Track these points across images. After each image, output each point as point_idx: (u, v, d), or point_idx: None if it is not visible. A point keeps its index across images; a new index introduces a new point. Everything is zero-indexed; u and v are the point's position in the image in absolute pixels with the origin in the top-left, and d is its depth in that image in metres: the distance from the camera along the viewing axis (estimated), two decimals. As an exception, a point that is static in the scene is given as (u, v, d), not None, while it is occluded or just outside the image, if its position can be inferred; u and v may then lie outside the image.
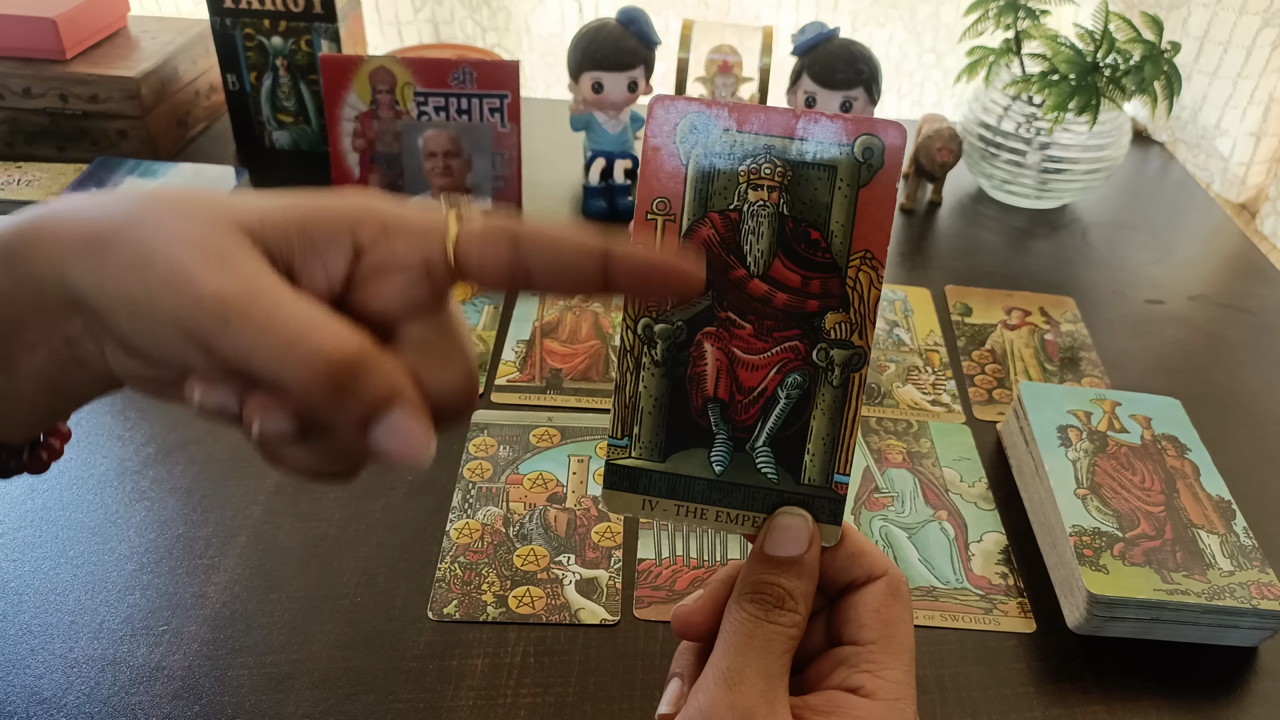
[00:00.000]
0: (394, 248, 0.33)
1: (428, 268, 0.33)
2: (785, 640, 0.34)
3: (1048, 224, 0.98)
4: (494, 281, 0.33)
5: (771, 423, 0.36)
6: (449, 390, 0.34)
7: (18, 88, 0.91)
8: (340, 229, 0.33)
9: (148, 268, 0.30)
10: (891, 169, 0.33)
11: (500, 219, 0.33)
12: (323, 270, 0.33)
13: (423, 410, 0.32)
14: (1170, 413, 0.65)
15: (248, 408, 0.32)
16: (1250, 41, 1.08)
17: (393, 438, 0.31)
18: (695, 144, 0.34)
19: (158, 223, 0.31)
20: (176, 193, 0.33)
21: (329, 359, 0.29)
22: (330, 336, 0.30)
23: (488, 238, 0.33)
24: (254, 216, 0.32)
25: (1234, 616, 0.53)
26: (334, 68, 0.85)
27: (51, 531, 0.57)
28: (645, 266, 0.33)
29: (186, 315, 0.30)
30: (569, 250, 0.32)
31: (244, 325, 0.29)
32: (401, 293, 0.33)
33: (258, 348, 0.30)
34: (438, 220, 0.33)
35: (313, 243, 0.32)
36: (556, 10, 1.31)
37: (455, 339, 0.35)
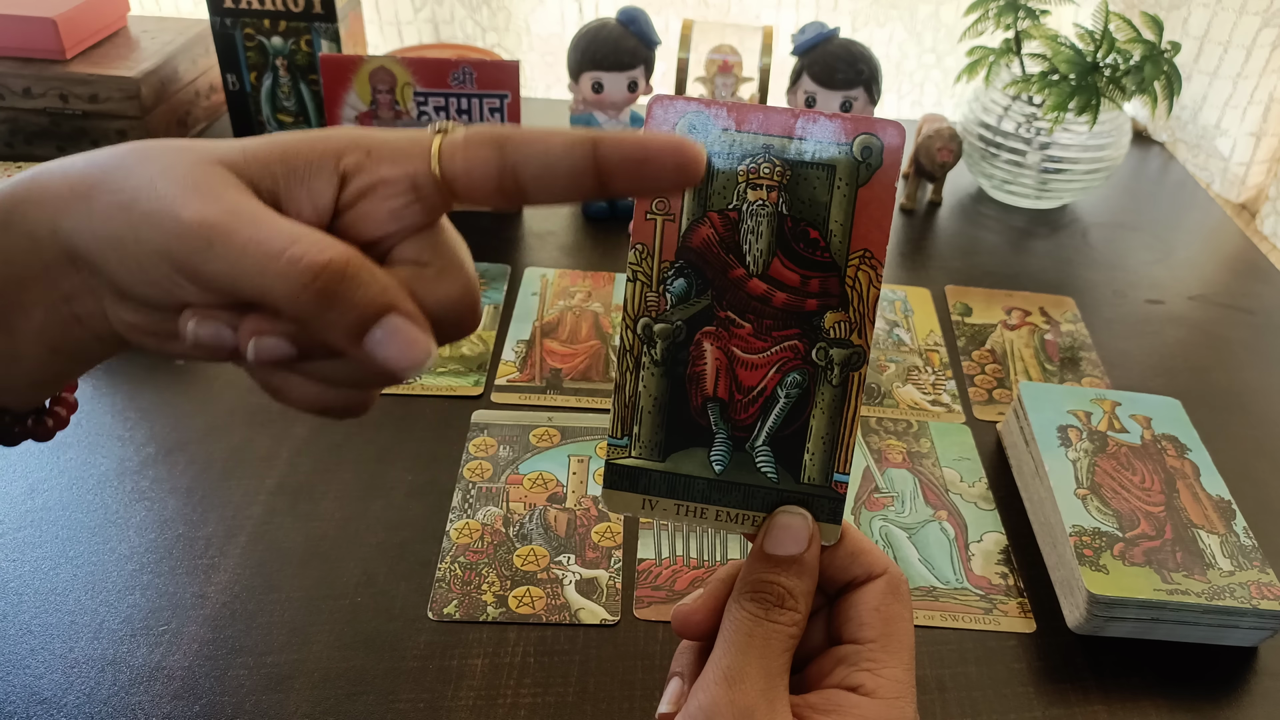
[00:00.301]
0: (379, 170, 0.33)
1: (415, 185, 0.33)
2: (785, 639, 0.34)
3: (1048, 224, 0.98)
4: (484, 192, 0.33)
5: (771, 422, 0.36)
6: (447, 301, 0.34)
7: (18, 88, 0.91)
8: (324, 157, 0.33)
9: (133, 206, 0.31)
10: (890, 168, 0.33)
11: (483, 128, 0.33)
12: (309, 199, 0.33)
13: (418, 316, 0.32)
14: (1170, 413, 0.65)
15: (242, 331, 0.32)
16: (1250, 41, 1.08)
17: (389, 343, 0.31)
18: None
19: (143, 164, 0.32)
20: (166, 140, 0.33)
21: (311, 265, 0.29)
22: (313, 246, 0.30)
23: (472, 146, 0.32)
24: (237, 153, 0.32)
25: (1234, 616, 0.53)
26: (334, 68, 0.85)
27: (51, 531, 0.57)
28: (640, 150, 0.31)
29: (172, 244, 0.30)
30: (557, 147, 0.32)
31: (227, 247, 0.30)
32: (391, 213, 0.33)
33: (242, 266, 0.30)
34: (421, 139, 0.33)
35: (296, 172, 0.33)
36: (556, 10, 1.31)
37: (451, 251, 0.35)
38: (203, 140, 0.34)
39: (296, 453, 0.63)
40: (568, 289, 0.81)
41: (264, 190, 0.32)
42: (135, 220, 0.31)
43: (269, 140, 0.33)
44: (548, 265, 0.84)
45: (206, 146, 0.33)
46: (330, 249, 0.30)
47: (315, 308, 0.30)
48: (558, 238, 0.89)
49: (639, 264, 0.35)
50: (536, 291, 0.80)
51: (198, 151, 0.32)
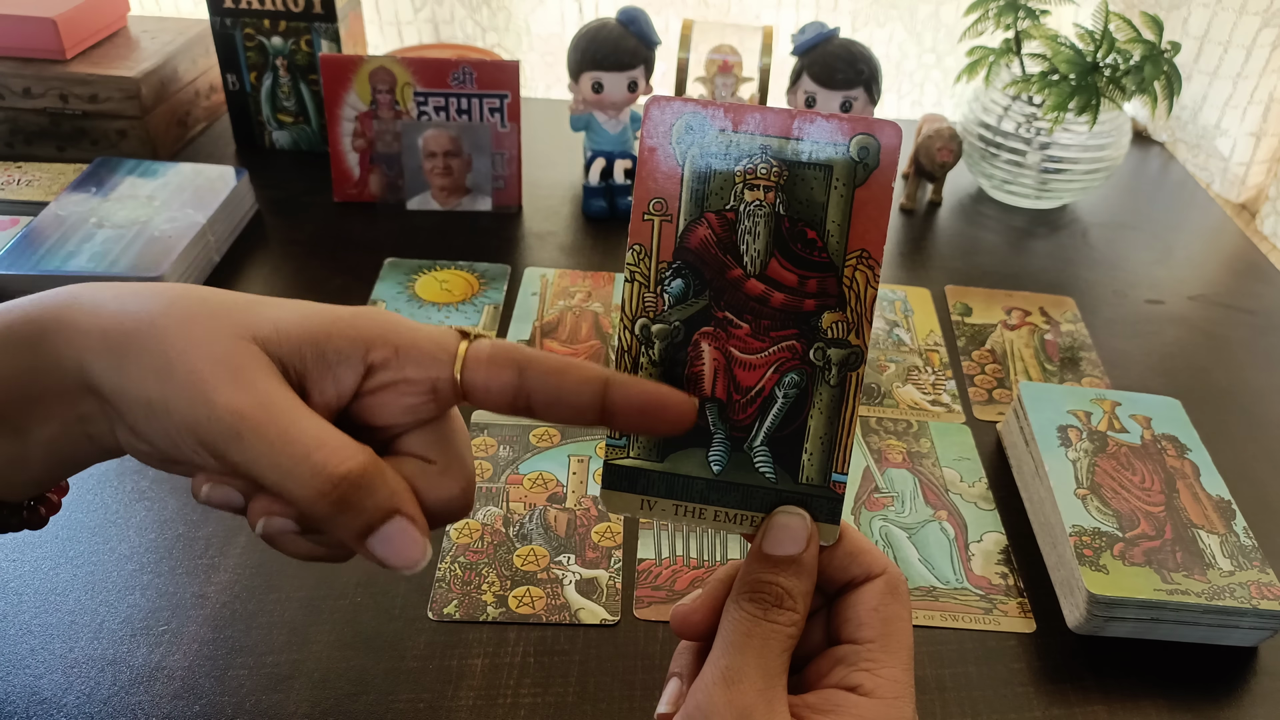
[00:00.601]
0: (404, 369, 0.35)
1: (434, 388, 0.35)
2: (784, 639, 0.34)
3: (1048, 224, 0.98)
4: (496, 406, 0.35)
5: (769, 422, 0.36)
6: (446, 499, 0.36)
7: (18, 88, 0.91)
8: (354, 349, 0.34)
9: (167, 376, 0.32)
10: (887, 168, 0.33)
11: (507, 348, 0.35)
12: (333, 384, 0.35)
13: (419, 521, 0.34)
14: (1170, 413, 0.65)
15: (253, 509, 0.34)
16: (1250, 41, 1.08)
17: (389, 547, 0.33)
18: (691, 144, 0.34)
19: (179, 331, 0.33)
20: (199, 297, 0.34)
21: (333, 475, 0.31)
22: (335, 454, 0.32)
23: (494, 365, 0.35)
24: (270, 329, 0.34)
25: (1234, 616, 0.53)
26: (334, 68, 0.85)
27: (51, 531, 0.57)
28: (641, 400, 0.34)
29: (201, 425, 0.32)
30: (571, 382, 0.34)
31: (255, 440, 0.31)
32: (407, 408, 0.35)
33: (267, 462, 0.31)
34: (448, 345, 0.35)
35: (325, 359, 0.34)
36: (556, 10, 1.31)
37: (456, 450, 0.37)
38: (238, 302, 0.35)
39: (296, 453, 0.63)
40: (568, 289, 0.81)
41: (291, 370, 0.34)
42: (168, 392, 0.32)
43: (301, 318, 0.34)
44: (548, 265, 0.84)
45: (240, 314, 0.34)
46: (351, 459, 0.32)
47: (329, 512, 0.32)
48: (558, 238, 0.89)
49: (637, 265, 0.35)
50: (536, 291, 0.80)
51: (231, 320, 0.34)
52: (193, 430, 0.32)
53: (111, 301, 0.34)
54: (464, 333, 0.36)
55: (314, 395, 0.34)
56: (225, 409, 0.31)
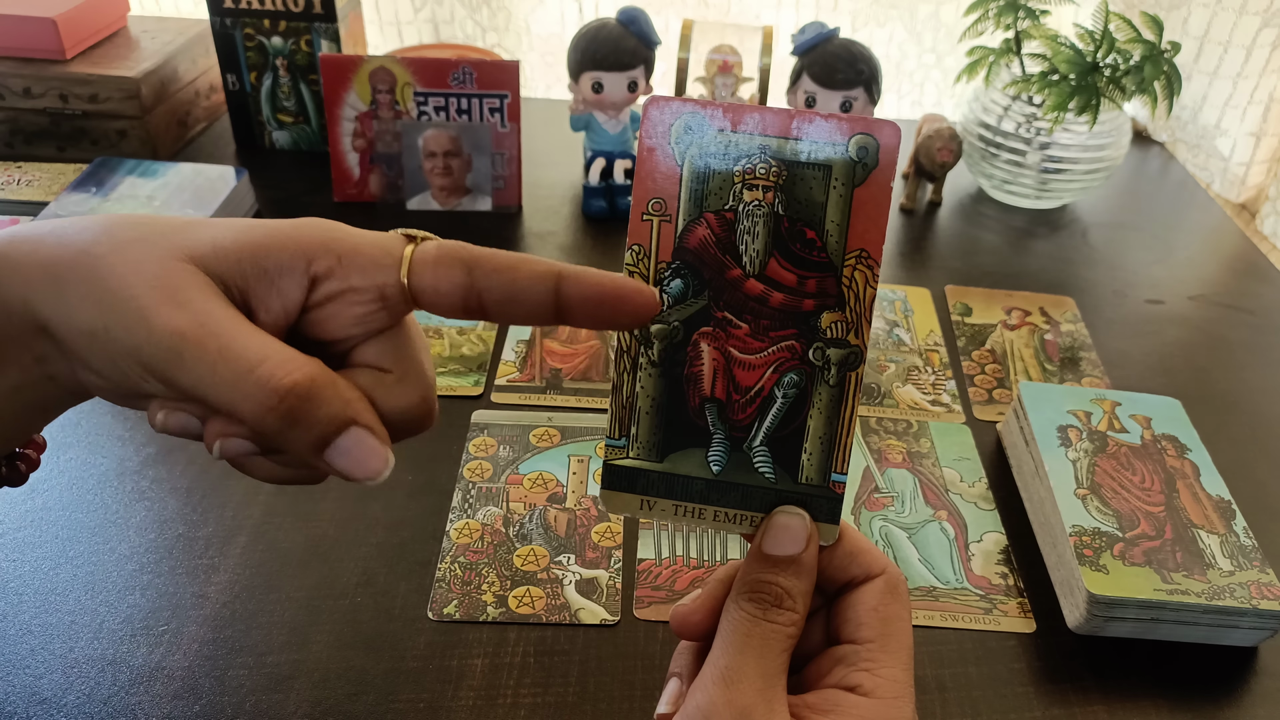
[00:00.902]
0: (349, 277, 0.34)
1: (382, 295, 0.34)
2: (783, 639, 0.34)
3: (1048, 224, 0.98)
4: (447, 308, 0.34)
5: (768, 422, 0.36)
6: (405, 408, 0.35)
7: (18, 88, 0.91)
8: (295, 259, 0.34)
9: (105, 302, 0.31)
10: (886, 168, 0.33)
11: (454, 247, 0.34)
12: (278, 299, 0.34)
13: (377, 429, 0.33)
14: (1170, 413, 0.65)
15: (208, 431, 0.33)
16: (1250, 41, 1.08)
17: (347, 458, 0.32)
18: (690, 144, 0.34)
19: (115, 257, 0.32)
20: (133, 223, 0.33)
21: (278, 388, 0.30)
22: (280, 366, 0.31)
23: (441, 265, 0.34)
24: (208, 248, 0.33)
25: (1234, 616, 0.53)
26: (334, 68, 0.85)
27: (51, 531, 0.57)
28: (597, 291, 0.33)
29: (142, 349, 0.31)
30: (522, 277, 0.33)
31: (196, 359, 0.31)
32: (357, 318, 0.34)
33: (211, 380, 0.31)
34: (393, 249, 0.34)
35: (266, 273, 0.33)
36: (556, 10, 1.31)
37: (412, 358, 0.36)
38: (174, 223, 0.34)
39: (296, 453, 0.63)
40: (568, 289, 0.81)
41: (233, 287, 0.33)
42: (106, 317, 0.31)
43: (239, 234, 0.34)
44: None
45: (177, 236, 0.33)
46: (296, 369, 0.31)
47: (280, 426, 0.31)
48: (558, 238, 0.89)
49: (636, 265, 0.35)
50: (536, 292, 0.80)
51: (168, 242, 0.33)
52: (135, 355, 0.31)
53: (49, 236, 0.33)
54: (410, 236, 0.35)
55: (259, 312, 0.33)
56: (163, 330, 0.31)
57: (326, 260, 0.34)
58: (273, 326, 0.34)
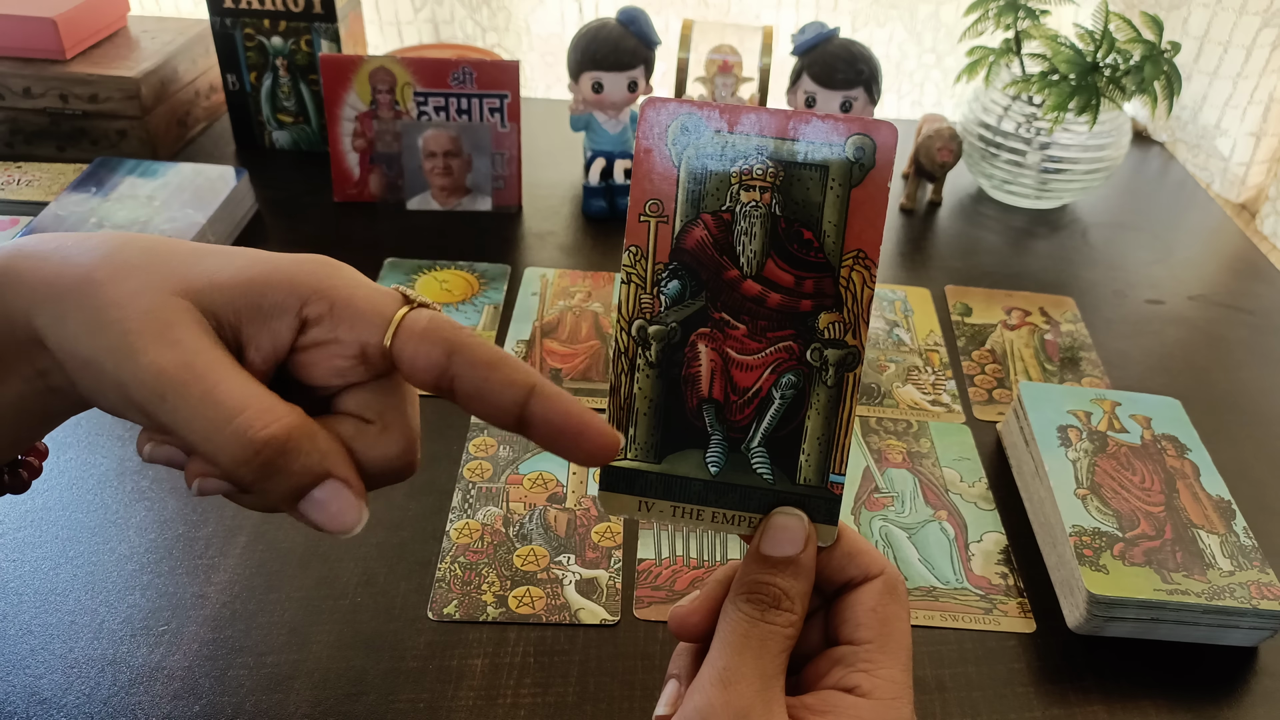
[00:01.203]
0: (336, 328, 0.34)
1: (364, 353, 0.34)
2: (781, 640, 0.34)
3: (1048, 224, 0.98)
4: (420, 382, 0.34)
5: (766, 423, 0.36)
6: (386, 458, 0.35)
7: (18, 88, 0.91)
8: (289, 302, 0.34)
9: (98, 332, 0.31)
10: (883, 168, 0.33)
11: (443, 325, 0.34)
12: (269, 338, 0.34)
13: (353, 483, 0.33)
14: (1170, 413, 0.65)
15: (188, 469, 0.33)
16: (1250, 41, 1.08)
17: (321, 511, 0.32)
18: (687, 145, 0.34)
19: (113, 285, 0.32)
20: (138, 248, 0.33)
21: (254, 440, 0.30)
22: (258, 417, 0.31)
23: (425, 341, 0.34)
24: (205, 282, 0.33)
25: (1234, 616, 0.53)
26: (334, 68, 0.85)
27: (51, 531, 0.57)
28: (562, 420, 0.33)
29: (128, 385, 0.31)
30: (496, 381, 0.33)
31: (178, 402, 0.31)
32: (336, 369, 0.35)
33: (190, 425, 0.31)
34: (385, 310, 0.34)
35: (260, 311, 0.33)
36: (556, 10, 1.31)
37: (397, 409, 0.36)
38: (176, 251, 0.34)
39: (296, 453, 0.63)
40: (568, 289, 0.81)
41: (226, 324, 0.33)
42: (98, 348, 0.31)
43: (239, 270, 0.34)
44: (548, 265, 0.84)
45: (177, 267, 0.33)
46: (275, 421, 0.31)
47: (254, 477, 0.31)
48: (558, 238, 0.89)
49: (633, 266, 0.35)
50: (536, 291, 0.80)
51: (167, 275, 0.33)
52: (120, 389, 0.31)
53: (54, 254, 0.33)
54: (407, 298, 0.35)
55: (250, 349, 0.34)
56: (149, 368, 0.31)
57: (319, 306, 0.34)
58: (261, 365, 0.34)
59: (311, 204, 0.91)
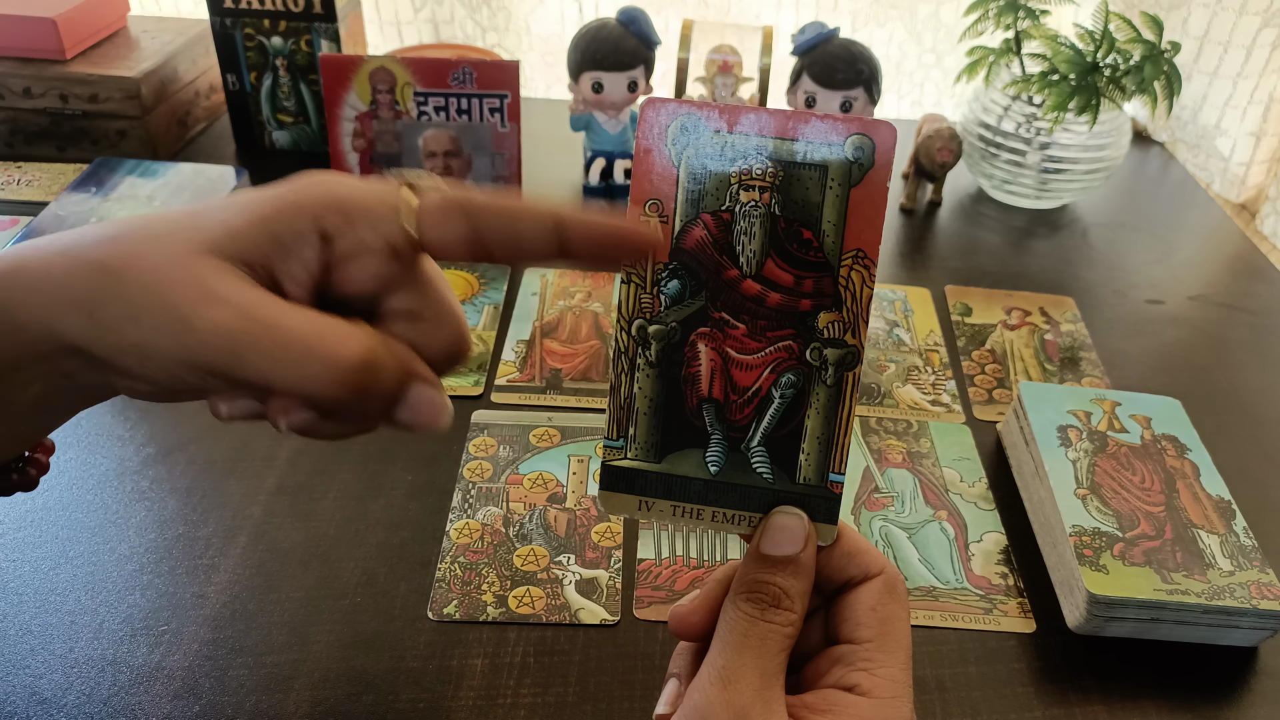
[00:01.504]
0: (358, 234, 0.34)
1: (392, 247, 0.34)
2: (781, 639, 0.34)
3: (1048, 224, 0.98)
4: (454, 254, 0.35)
5: (766, 422, 0.36)
6: (445, 347, 0.36)
7: (18, 88, 0.91)
8: (304, 223, 0.34)
9: (139, 317, 0.31)
10: (882, 168, 0.33)
11: (457, 197, 0.34)
12: (300, 266, 0.34)
13: (433, 382, 0.34)
14: (1170, 413, 0.65)
15: (271, 410, 0.34)
16: (1250, 41, 1.08)
17: (415, 413, 0.34)
18: (686, 146, 0.34)
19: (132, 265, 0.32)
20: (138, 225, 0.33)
21: (345, 367, 0.31)
22: (339, 344, 0.31)
23: (444, 214, 0.34)
24: (221, 234, 0.33)
25: (1234, 616, 0.53)
26: (334, 68, 0.85)
27: (51, 531, 0.57)
28: (599, 231, 0.34)
29: (195, 354, 0.31)
30: (524, 220, 0.34)
31: (255, 354, 0.31)
32: (375, 272, 0.35)
33: (275, 371, 0.31)
34: (395, 200, 0.34)
35: (283, 246, 0.33)
36: (556, 10, 1.31)
37: (439, 299, 0.36)
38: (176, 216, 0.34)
39: (296, 453, 0.63)
40: (568, 289, 0.81)
41: (256, 266, 0.33)
42: (146, 332, 0.31)
43: (246, 211, 0.33)
44: (548, 265, 0.84)
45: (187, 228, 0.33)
46: (356, 342, 0.32)
47: (351, 398, 0.32)
48: (558, 238, 0.88)
49: (633, 265, 0.35)
50: (536, 291, 0.80)
51: (181, 238, 0.32)
52: (188, 362, 0.31)
53: (57, 256, 0.33)
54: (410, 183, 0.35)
55: (286, 283, 0.34)
56: (211, 332, 0.31)
57: (334, 219, 0.34)
58: (302, 295, 0.34)
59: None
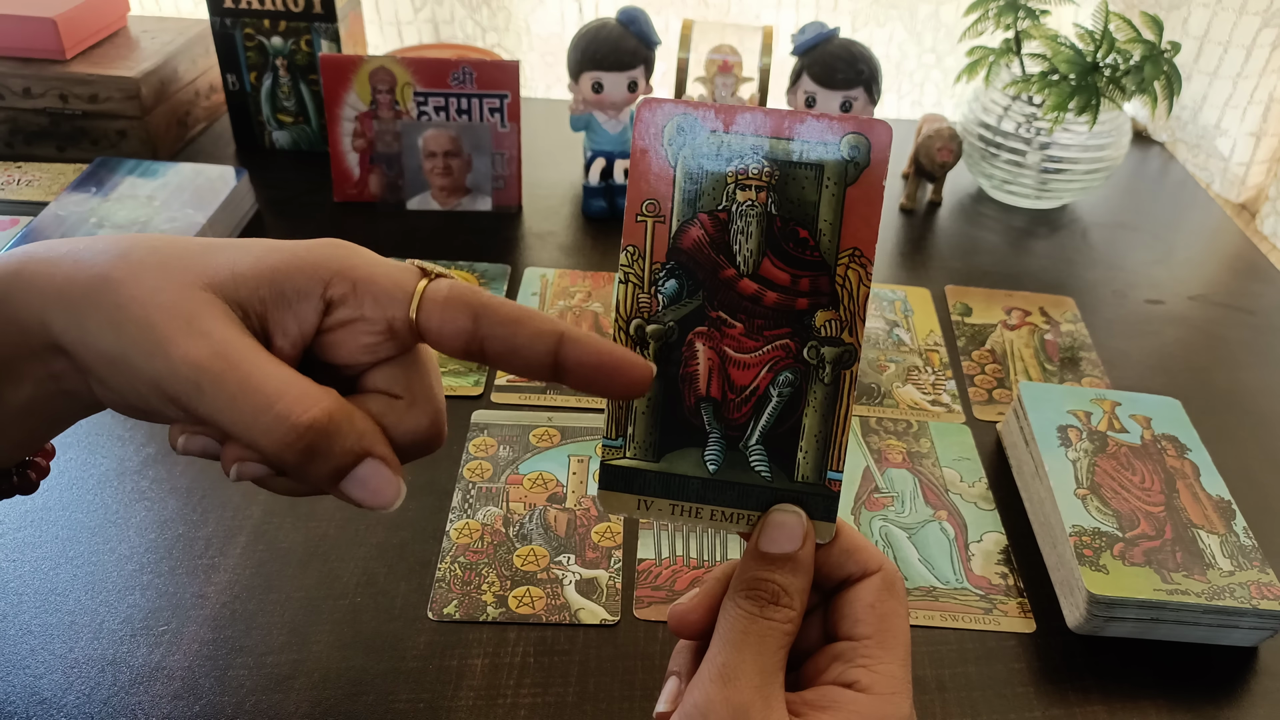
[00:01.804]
0: (362, 306, 0.34)
1: (391, 327, 0.35)
2: (780, 636, 0.34)
3: (1048, 224, 0.98)
4: (450, 349, 0.35)
5: (764, 421, 0.36)
6: (414, 432, 0.36)
7: (18, 88, 0.91)
8: (312, 284, 0.34)
9: (123, 330, 0.32)
10: (878, 167, 0.33)
11: (465, 291, 0.34)
12: (295, 322, 0.34)
13: (390, 460, 0.34)
14: (1170, 413, 0.65)
15: (225, 455, 0.34)
16: (1250, 41, 1.08)
17: (363, 489, 0.33)
18: (683, 146, 0.34)
19: (133, 282, 0.32)
20: (151, 246, 0.34)
21: (297, 425, 0.31)
22: (297, 402, 0.31)
23: (450, 308, 0.34)
24: (226, 273, 0.33)
25: (1234, 616, 0.53)
26: (334, 68, 0.85)
27: (51, 531, 0.57)
28: (595, 359, 0.34)
29: (162, 379, 0.31)
30: (526, 331, 0.34)
31: (216, 392, 0.31)
32: (365, 347, 0.35)
33: (230, 414, 0.31)
34: (405, 283, 0.34)
35: (284, 297, 0.34)
36: (556, 10, 1.31)
37: (423, 382, 0.36)
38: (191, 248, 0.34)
39: (296, 453, 0.63)
40: (568, 289, 0.81)
41: (252, 313, 0.33)
42: (125, 345, 0.32)
43: (258, 259, 0.34)
44: (548, 265, 0.84)
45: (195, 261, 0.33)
46: (315, 405, 0.31)
47: (298, 460, 0.32)
48: (558, 238, 0.89)
49: (630, 265, 0.35)
50: (536, 291, 0.80)
51: (186, 268, 0.33)
52: (154, 384, 0.32)
53: (66, 257, 0.33)
54: (424, 270, 0.35)
55: (277, 336, 0.34)
56: (182, 361, 0.31)
57: (342, 286, 0.34)
58: (289, 350, 0.34)
59: (311, 204, 0.91)
